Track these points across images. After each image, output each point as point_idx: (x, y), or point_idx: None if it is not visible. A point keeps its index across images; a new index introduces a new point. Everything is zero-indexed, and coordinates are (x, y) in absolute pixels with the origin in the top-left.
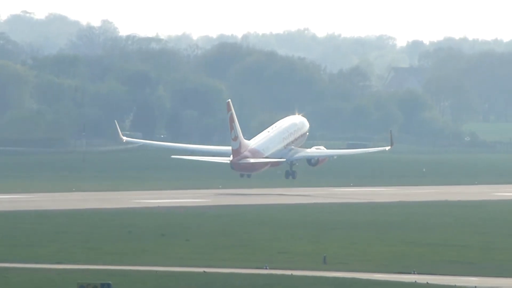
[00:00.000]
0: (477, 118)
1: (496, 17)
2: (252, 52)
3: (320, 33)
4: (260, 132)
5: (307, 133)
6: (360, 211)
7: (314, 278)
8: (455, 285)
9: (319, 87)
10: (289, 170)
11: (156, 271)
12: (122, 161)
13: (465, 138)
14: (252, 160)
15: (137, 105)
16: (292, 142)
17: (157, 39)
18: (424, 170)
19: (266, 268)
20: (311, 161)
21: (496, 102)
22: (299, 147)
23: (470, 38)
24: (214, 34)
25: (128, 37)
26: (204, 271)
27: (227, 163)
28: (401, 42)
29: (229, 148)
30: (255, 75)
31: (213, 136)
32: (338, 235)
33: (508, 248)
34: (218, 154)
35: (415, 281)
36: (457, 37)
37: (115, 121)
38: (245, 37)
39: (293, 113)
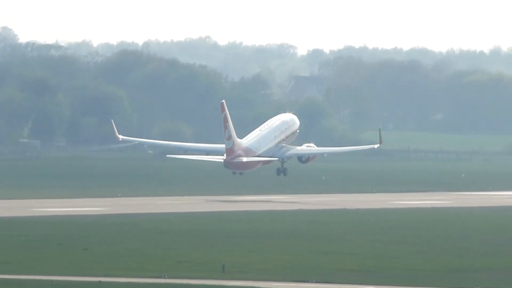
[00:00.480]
0: (376, 127)
1: (396, 26)
2: (153, 59)
3: (222, 41)
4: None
5: (298, 131)
6: (259, 219)
7: (212, 287)
8: None
9: (220, 95)
10: (280, 168)
11: (52, 281)
12: (20, 169)
13: None
14: (245, 159)
15: (35, 112)
16: (283, 140)
17: (56, 46)
18: (323, 178)
19: (164, 277)
20: (302, 159)
21: (395, 111)
22: (290, 144)
23: (370, 47)
24: (114, 41)
25: (27, 43)
26: (100, 281)
27: (220, 162)
28: (301, 50)
29: (223, 146)
30: (156, 83)
31: (112, 143)
32: (237, 244)
33: (405, 257)
34: (213, 152)
35: None
36: (357, 46)
37: (112, 120)
38: (146, 44)
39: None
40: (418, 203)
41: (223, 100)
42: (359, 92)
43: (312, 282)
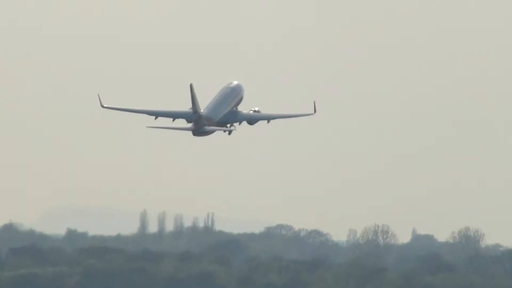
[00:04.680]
0: None
1: None
2: None
3: None
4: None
5: (243, 96)
6: None
7: None
8: None
9: None
10: (228, 127)
11: None
12: None
13: None
14: (208, 128)
15: None
16: (234, 105)
17: None
18: None
19: None
20: (251, 122)
21: None
22: (238, 107)
23: None
24: None
25: None
26: None
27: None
28: None
29: (189, 110)
30: None
31: None
32: None
33: None
34: (180, 116)
35: None
36: None
37: (98, 94)
38: None
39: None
40: None
41: (191, 82)
42: None
43: None
